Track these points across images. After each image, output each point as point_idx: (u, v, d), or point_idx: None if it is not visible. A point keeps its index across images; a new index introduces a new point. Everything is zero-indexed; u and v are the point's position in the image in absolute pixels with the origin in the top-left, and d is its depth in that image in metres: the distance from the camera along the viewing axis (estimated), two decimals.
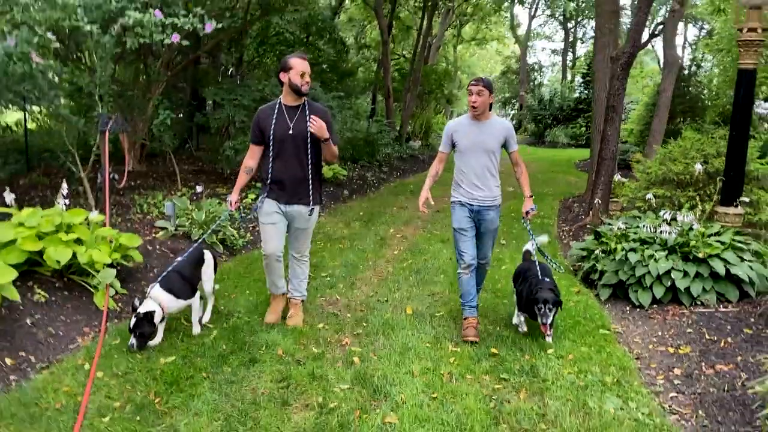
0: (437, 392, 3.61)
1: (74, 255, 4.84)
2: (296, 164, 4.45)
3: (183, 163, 11.48)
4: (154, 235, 6.71)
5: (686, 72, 20.37)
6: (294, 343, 4.29)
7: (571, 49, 40.83)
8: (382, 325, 4.69)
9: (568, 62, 40.19)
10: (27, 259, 4.73)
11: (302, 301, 4.90)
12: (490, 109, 4.61)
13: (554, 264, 5.04)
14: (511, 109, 43.30)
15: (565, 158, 20.98)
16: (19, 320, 4.24)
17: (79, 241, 5.02)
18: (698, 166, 6.07)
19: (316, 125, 4.29)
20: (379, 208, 10.32)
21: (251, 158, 4.60)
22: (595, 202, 7.57)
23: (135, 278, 5.49)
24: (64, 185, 5.44)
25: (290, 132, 4.41)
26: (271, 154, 4.47)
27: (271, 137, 4.43)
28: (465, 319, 4.63)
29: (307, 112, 4.43)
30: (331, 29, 14.31)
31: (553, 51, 46.12)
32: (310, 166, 4.49)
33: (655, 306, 5.30)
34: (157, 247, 6.37)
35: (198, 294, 4.49)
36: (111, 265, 5.13)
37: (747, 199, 5.73)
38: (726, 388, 3.70)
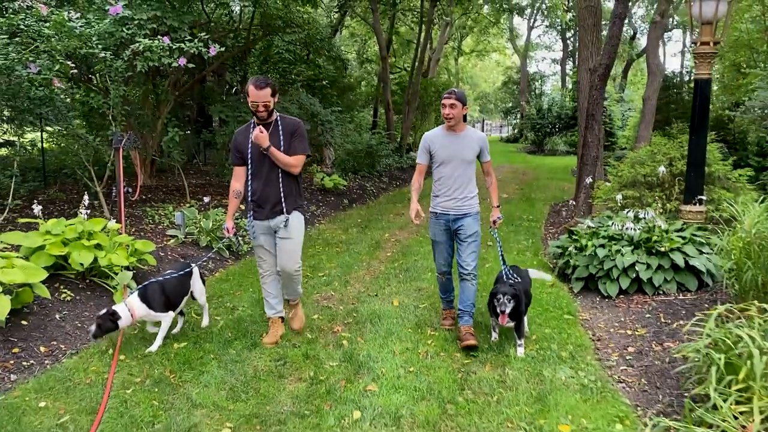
0: (413, 366, 4.16)
1: (95, 259, 5.45)
2: (272, 180, 4.53)
3: (190, 178, 12.11)
4: (165, 242, 7.30)
5: (683, 79, 20.93)
6: (291, 330, 4.85)
7: (570, 59, 41.42)
8: (371, 314, 5.25)
9: (567, 71, 40.77)
10: (54, 263, 5.34)
11: (299, 299, 5.04)
12: (464, 121, 4.78)
13: (506, 269, 4.91)
14: (514, 119, 43.91)
15: (561, 166, 21.47)
16: (50, 315, 4.83)
17: (99, 247, 5.62)
18: (661, 169, 6.61)
19: (255, 133, 4.37)
20: (377, 215, 10.89)
21: (237, 181, 4.67)
22: (570, 203, 8.09)
23: (149, 280, 6.04)
24: (86, 197, 6.03)
25: (261, 149, 4.45)
26: (249, 173, 4.59)
27: (249, 157, 4.54)
28: (444, 310, 5.15)
29: (280, 127, 4.53)
30: (329, 48, 14.95)
31: (553, 60, 46.71)
32: (284, 180, 4.55)
33: (621, 296, 5.82)
34: (169, 252, 6.95)
35: (172, 313, 4.61)
36: (127, 268, 5.74)
37: (705, 198, 6.23)
38: (668, 361, 4.22)
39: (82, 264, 5.30)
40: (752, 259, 4.76)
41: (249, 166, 4.58)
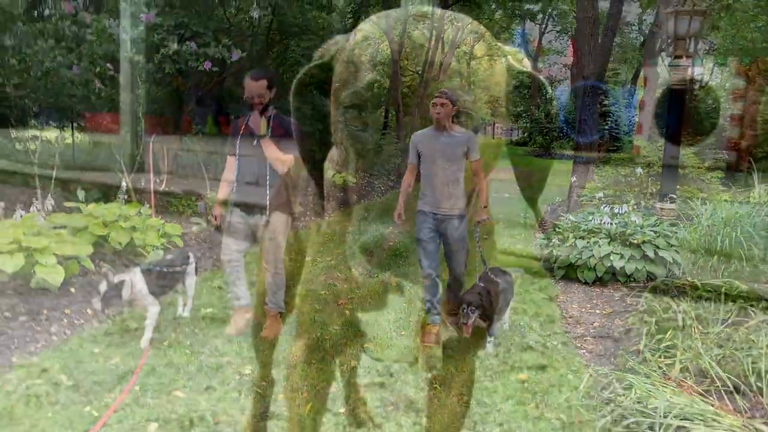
0: (405, 331, 4.90)
1: (132, 239, 6.22)
2: (260, 176, 4.49)
3: (209, 172, 12.85)
4: (190, 228, 8.06)
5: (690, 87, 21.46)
6: (300, 302, 5.60)
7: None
8: (371, 291, 6.00)
9: None
10: (95, 241, 6.11)
11: (280, 314, 4.77)
12: (453, 121, 4.74)
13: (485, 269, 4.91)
14: (523, 123, 44.43)
15: (566, 169, 21.98)
16: (92, 285, 5.59)
17: (133, 228, 6.40)
18: (638, 170, 7.30)
19: (253, 119, 4.35)
20: (383, 210, 11.59)
21: (230, 171, 4.64)
22: (557, 200, 8.77)
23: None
24: (123, 184, 6.81)
25: (254, 143, 4.43)
26: (237, 164, 4.57)
27: (237, 147, 4.53)
28: (427, 324, 4.84)
29: (271, 125, 4.43)
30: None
31: (564, 66, 47.11)
32: (271, 179, 4.47)
33: (597, 282, 6.51)
34: (192, 238, 7.71)
35: (158, 304, 4.61)
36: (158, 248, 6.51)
37: (676, 196, 6.91)
38: (625, 332, 4.92)
39: (120, 243, 6.08)
40: (706, 247, 5.46)
41: (237, 158, 4.55)
